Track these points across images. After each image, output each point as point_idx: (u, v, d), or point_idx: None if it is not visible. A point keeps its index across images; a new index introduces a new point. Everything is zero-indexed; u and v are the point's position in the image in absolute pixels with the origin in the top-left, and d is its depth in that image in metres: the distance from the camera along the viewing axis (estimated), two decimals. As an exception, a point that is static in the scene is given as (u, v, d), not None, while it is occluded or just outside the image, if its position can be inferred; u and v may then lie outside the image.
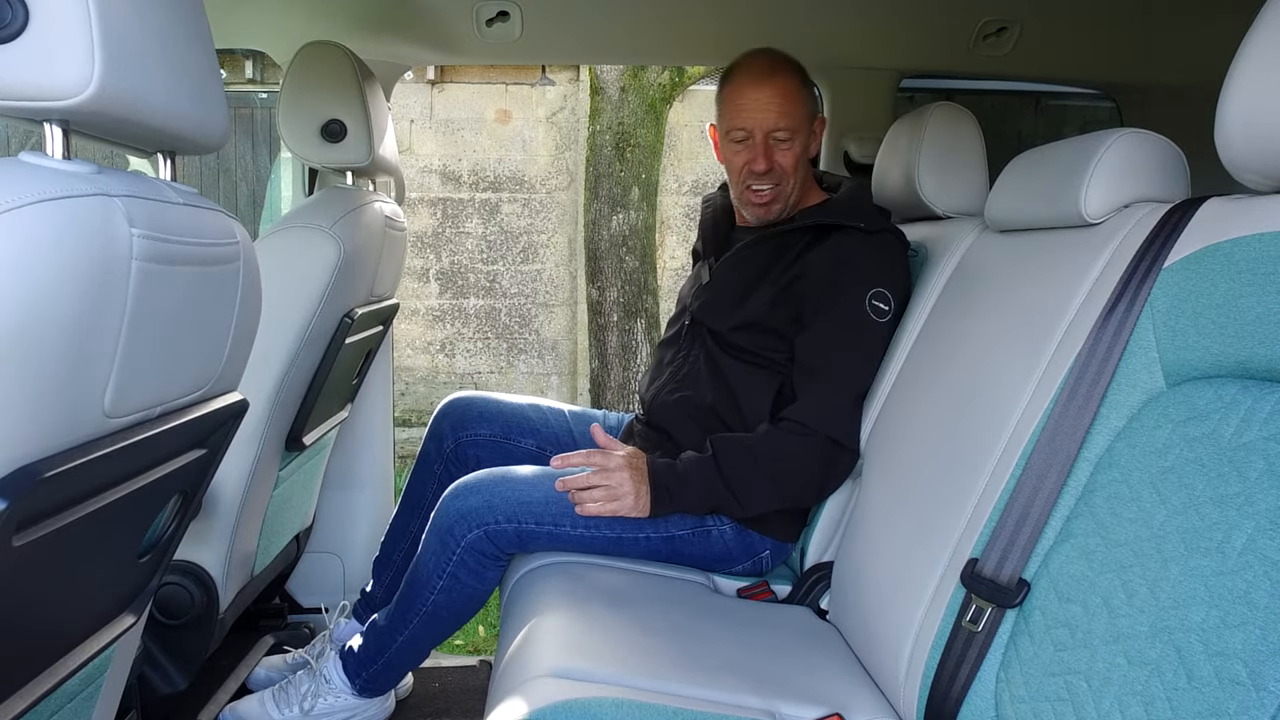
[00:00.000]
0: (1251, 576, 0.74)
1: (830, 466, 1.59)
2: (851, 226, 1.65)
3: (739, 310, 1.70)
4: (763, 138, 1.68)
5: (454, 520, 1.58)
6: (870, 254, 1.63)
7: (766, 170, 1.69)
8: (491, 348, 5.85)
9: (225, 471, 1.61)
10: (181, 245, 0.86)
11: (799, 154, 1.70)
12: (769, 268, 1.71)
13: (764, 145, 1.68)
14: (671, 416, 1.75)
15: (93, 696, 1.06)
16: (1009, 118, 3.56)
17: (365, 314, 1.88)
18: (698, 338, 1.77)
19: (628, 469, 1.59)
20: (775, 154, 1.69)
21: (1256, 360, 0.82)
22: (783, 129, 1.67)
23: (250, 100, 5.49)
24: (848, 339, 1.60)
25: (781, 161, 1.70)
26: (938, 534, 1.17)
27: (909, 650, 1.15)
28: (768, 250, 1.73)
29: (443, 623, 1.65)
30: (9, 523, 0.70)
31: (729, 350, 1.71)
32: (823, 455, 1.57)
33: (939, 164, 1.64)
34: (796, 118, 1.68)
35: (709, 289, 1.79)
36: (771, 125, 1.67)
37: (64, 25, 0.72)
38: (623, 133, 4.66)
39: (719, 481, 1.58)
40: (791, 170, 1.70)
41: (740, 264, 1.76)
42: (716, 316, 1.73)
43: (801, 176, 1.74)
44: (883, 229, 1.66)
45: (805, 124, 1.71)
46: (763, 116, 1.67)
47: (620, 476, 1.58)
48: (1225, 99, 0.87)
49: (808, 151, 1.74)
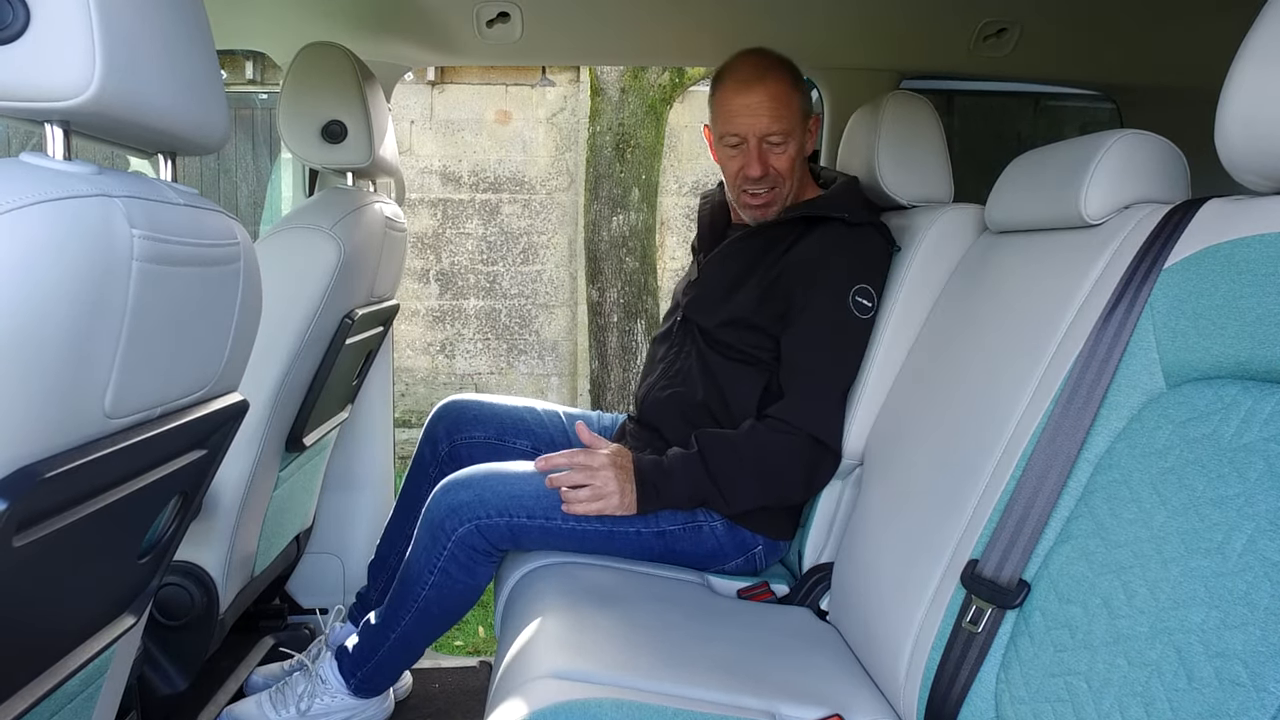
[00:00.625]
0: (1252, 577, 0.74)
1: (814, 466, 1.59)
2: (835, 219, 1.65)
3: (725, 306, 1.70)
4: (756, 143, 1.67)
5: (445, 515, 1.58)
6: (850, 247, 1.63)
7: (761, 175, 1.68)
8: (491, 349, 5.85)
9: (225, 472, 1.61)
10: (182, 246, 0.86)
11: (794, 156, 1.69)
12: (756, 263, 1.71)
13: (758, 150, 1.67)
14: (662, 413, 1.75)
15: (93, 697, 1.06)
16: (1009, 119, 3.56)
17: (365, 315, 1.88)
18: (689, 334, 1.78)
19: (612, 467, 1.59)
20: (769, 158, 1.68)
21: (1257, 361, 0.82)
22: (776, 133, 1.66)
23: (251, 101, 5.49)
24: (831, 339, 1.60)
25: (776, 165, 1.69)
26: (938, 535, 1.17)
27: (909, 651, 1.15)
28: (755, 246, 1.73)
29: (435, 619, 1.64)
30: (9, 523, 0.70)
31: (716, 347, 1.72)
32: (806, 454, 1.58)
33: (898, 153, 1.64)
34: (789, 120, 1.67)
35: (698, 285, 1.79)
36: (764, 130, 1.66)
37: (65, 26, 0.72)
38: (623, 134, 4.66)
39: (705, 478, 1.58)
40: (787, 173, 1.70)
41: (728, 260, 1.76)
42: (704, 312, 1.74)
43: (798, 176, 1.74)
44: (865, 222, 1.65)
45: (799, 125, 1.70)
46: (755, 122, 1.66)
47: (605, 475, 1.58)
48: (1225, 100, 0.87)
49: (803, 152, 1.73)
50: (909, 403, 1.46)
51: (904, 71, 2.35)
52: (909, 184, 1.65)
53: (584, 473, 1.59)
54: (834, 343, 1.60)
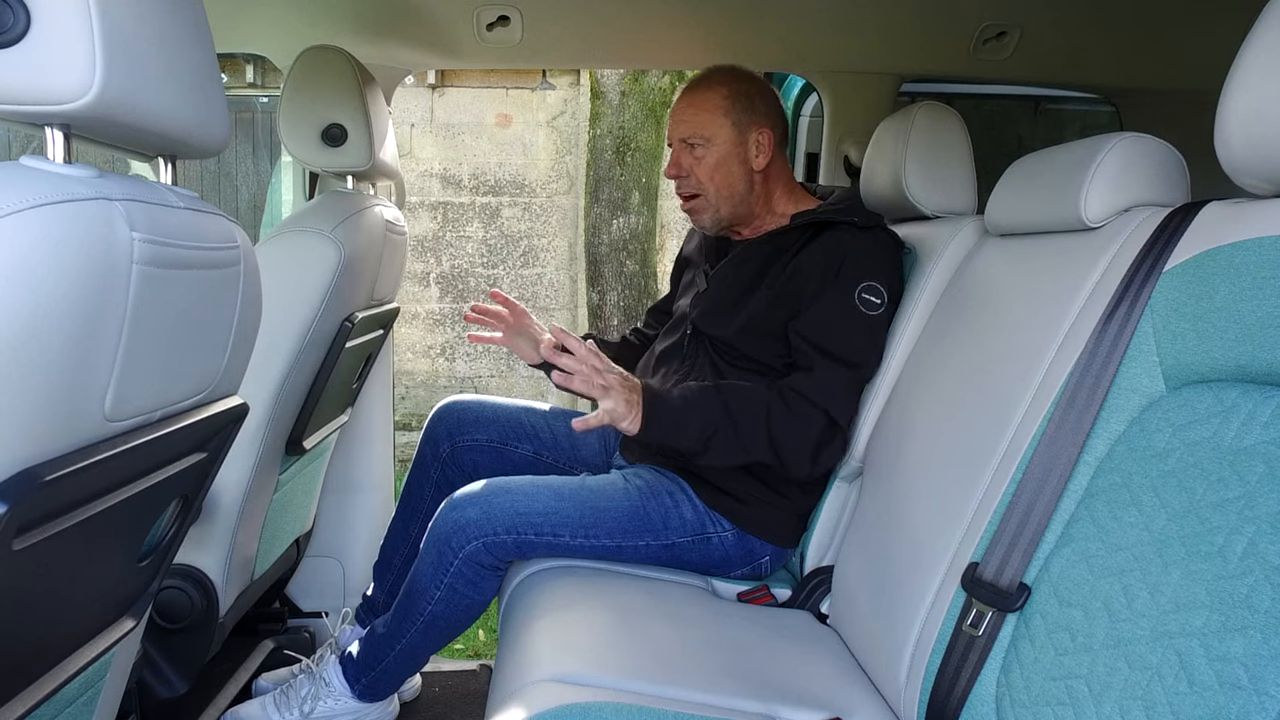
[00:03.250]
0: (1253, 581, 0.74)
1: (822, 442, 1.56)
2: (845, 223, 1.65)
3: (737, 314, 1.70)
4: (677, 144, 1.75)
5: (452, 531, 1.58)
6: (862, 248, 1.62)
7: (675, 175, 1.76)
8: (492, 351, 5.85)
9: (225, 475, 1.61)
10: (182, 249, 0.86)
11: (714, 163, 1.73)
12: (765, 270, 1.71)
13: (676, 152, 1.76)
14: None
15: (92, 701, 1.06)
16: (1009, 122, 3.56)
17: (365, 318, 1.88)
18: (700, 348, 1.76)
19: (620, 382, 1.51)
20: (685, 161, 1.75)
21: (1257, 364, 0.82)
22: (691, 136, 1.73)
23: (251, 104, 5.49)
24: (839, 324, 1.59)
25: (695, 170, 1.74)
26: (938, 538, 1.17)
27: (909, 654, 1.15)
28: (763, 254, 1.73)
29: (440, 632, 1.64)
30: (9, 526, 0.70)
31: (729, 357, 1.71)
32: (817, 427, 1.55)
33: (926, 164, 1.64)
34: (710, 127, 1.72)
35: (707, 297, 1.79)
36: (682, 134, 1.74)
37: (65, 30, 0.72)
38: (623, 137, 4.66)
39: (721, 409, 1.53)
40: (707, 179, 1.74)
41: (736, 268, 1.76)
42: (716, 323, 1.73)
43: (729, 186, 1.74)
44: (875, 225, 1.66)
45: (726, 135, 1.72)
46: (675, 125, 1.76)
47: (612, 378, 1.50)
48: (1225, 103, 0.87)
49: (738, 161, 1.73)
50: (909, 405, 1.46)
51: (904, 75, 2.35)
52: (935, 195, 1.65)
53: (594, 375, 1.50)
54: (842, 328, 1.59)
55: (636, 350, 2.04)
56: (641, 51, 2.36)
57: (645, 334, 2.09)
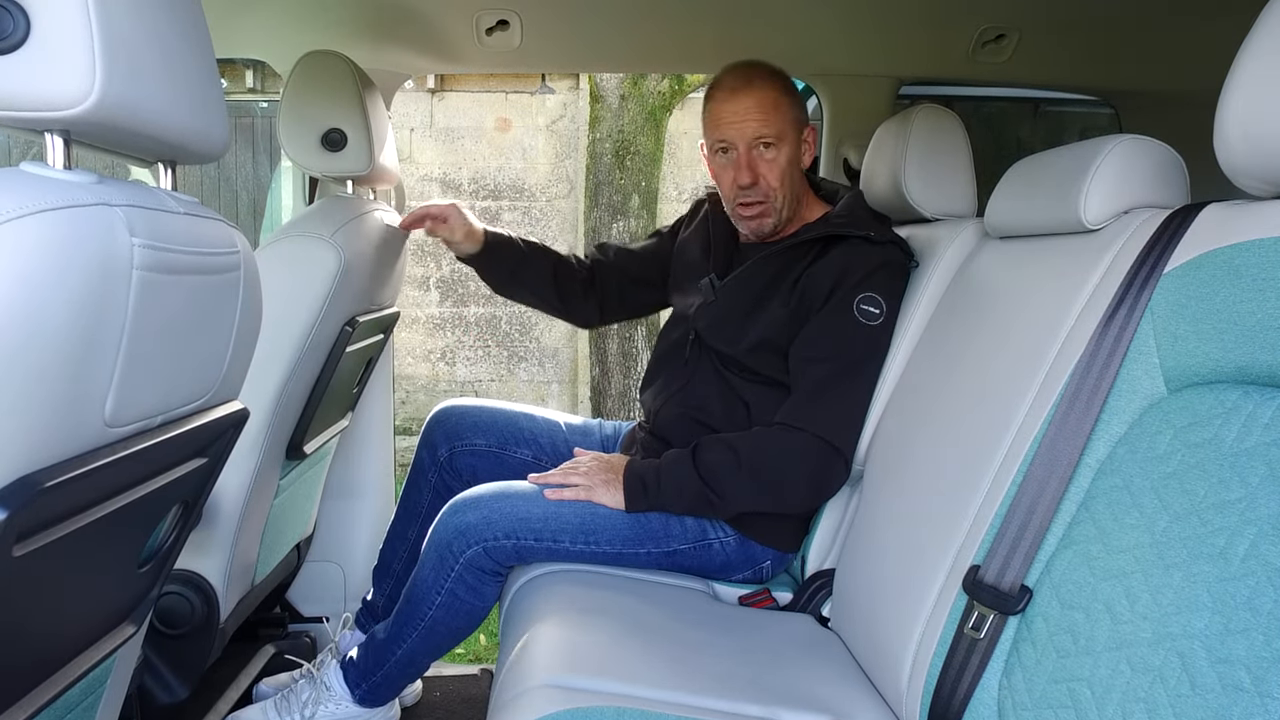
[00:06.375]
0: (1255, 582, 0.74)
1: (819, 468, 1.54)
2: (858, 236, 1.63)
3: (747, 331, 1.67)
4: (745, 149, 1.66)
5: (452, 537, 1.57)
6: (869, 262, 1.61)
7: (751, 183, 1.67)
8: (492, 356, 5.85)
9: (226, 480, 1.60)
10: (182, 255, 0.86)
11: (785, 164, 1.67)
12: (776, 285, 1.68)
13: (747, 156, 1.66)
14: (680, 432, 1.72)
15: (93, 707, 1.06)
16: (1008, 124, 3.57)
17: (366, 322, 1.88)
18: (704, 356, 1.75)
19: (597, 463, 1.63)
20: (759, 165, 1.67)
21: (1257, 365, 0.82)
22: (764, 137, 1.65)
23: (251, 109, 5.50)
24: (834, 342, 1.58)
25: (766, 174, 1.67)
26: (939, 541, 1.17)
27: (911, 657, 1.15)
28: (773, 268, 1.70)
29: (441, 638, 1.64)
30: (9, 533, 0.70)
31: (737, 370, 1.69)
32: (810, 455, 1.53)
33: (925, 167, 1.64)
34: (778, 125, 1.65)
35: (715, 309, 1.74)
36: (752, 135, 1.65)
37: (65, 36, 0.72)
38: (623, 141, 4.67)
39: (695, 476, 1.56)
40: (779, 183, 1.67)
41: (746, 283, 1.72)
42: (725, 339, 1.70)
43: (792, 188, 1.71)
44: (888, 240, 1.64)
45: (790, 132, 1.67)
46: (742, 127, 1.65)
47: (591, 467, 1.62)
48: (1224, 104, 0.87)
49: (797, 162, 1.71)
50: (909, 408, 1.46)
51: (903, 78, 2.35)
52: (934, 198, 1.65)
53: (571, 473, 1.63)
54: (837, 345, 1.57)
55: (574, 271, 2.09)
56: (640, 55, 2.36)
57: (588, 264, 2.13)
